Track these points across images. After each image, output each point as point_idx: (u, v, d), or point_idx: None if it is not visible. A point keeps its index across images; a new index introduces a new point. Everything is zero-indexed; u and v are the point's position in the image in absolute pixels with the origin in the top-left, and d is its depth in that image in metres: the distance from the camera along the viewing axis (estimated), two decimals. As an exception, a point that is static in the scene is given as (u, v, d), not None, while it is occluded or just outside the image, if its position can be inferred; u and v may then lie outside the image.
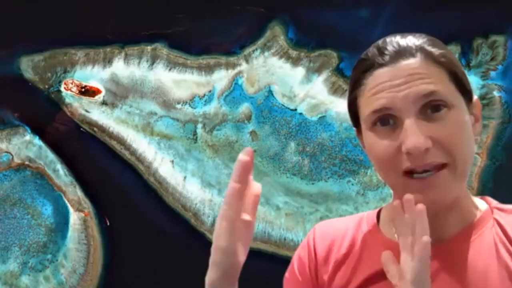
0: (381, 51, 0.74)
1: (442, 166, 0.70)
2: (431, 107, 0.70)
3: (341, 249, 0.83)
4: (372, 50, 0.75)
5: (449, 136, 0.70)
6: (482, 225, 0.76)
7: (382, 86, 0.72)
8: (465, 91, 0.74)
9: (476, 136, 0.76)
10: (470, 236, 0.75)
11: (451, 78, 0.73)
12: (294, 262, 0.90)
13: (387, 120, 0.72)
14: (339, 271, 0.82)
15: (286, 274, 0.92)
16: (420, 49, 0.73)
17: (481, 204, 0.80)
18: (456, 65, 0.75)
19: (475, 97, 0.77)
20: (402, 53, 0.72)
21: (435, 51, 0.73)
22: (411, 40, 0.74)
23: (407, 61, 0.72)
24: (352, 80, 0.78)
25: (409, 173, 0.71)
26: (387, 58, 0.73)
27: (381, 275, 0.75)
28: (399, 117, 0.71)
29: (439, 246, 0.75)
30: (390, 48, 0.73)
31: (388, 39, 0.75)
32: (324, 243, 0.86)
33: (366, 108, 0.74)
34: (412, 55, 0.72)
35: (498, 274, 0.71)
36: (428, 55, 0.72)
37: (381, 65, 0.73)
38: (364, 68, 0.75)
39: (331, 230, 0.87)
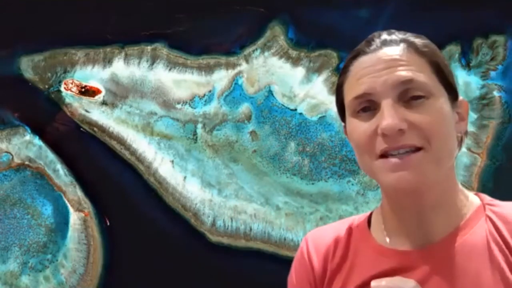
0: (368, 41, 0.77)
1: (417, 149, 0.70)
2: (411, 96, 0.72)
3: (335, 258, 0.83)
4: (362, 43, 0.79)
5: (425, 122, 0.70)
6: (473, 223, 0.75)
7: (364, 72, 0.74)
8: (448, 85, 0.75)
9: (459, 134, 0.76)
10: (462, 236, 0.74)
11: (433, 70, 0.74)
12: (293, 276, 0.89)
13: (368, 107, 0.74)
14: (334, 280, 0.81)
15: None
16: (404, 40, 0.76)
17: (474, 200, 0.78)
18: (440, 57, 0.77)
19: (460, 98, 0.78)
20: (387, 42, 0.76)
21: (418, 41, 0.76)
22: (397, 34, 0.77)
23: (390, 48, 0.74)
24: (341, 68, 0.81)
25: (384, 156, 0.71)
26: (372, 47, 0.76)
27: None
28: (378, 102, 0.72)
29: (429, 248, 0.74)
30: (376, 39, 0.77)
31: (376, 33, 0.79)
32: (318, 254, 0.85)
33: (349, 93, 0.76)
34: (396, 44, 0.75)
35: (491, 275, 0.70)
36: (411, 45, 0.75)
37: (366, 53, 0.76)
38: (351, 56, 0.78)
39: (324, 240, 0.86)
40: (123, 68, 1.87)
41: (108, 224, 1.85)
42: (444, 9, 1.74)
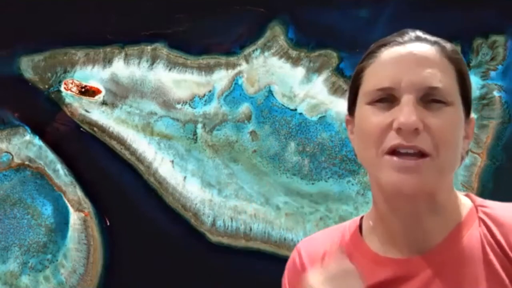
0: (402, 33, 0.77)
1: (424, 155, 0.70)
2: (432, 99, 0.71)
3: None
4: (393, 34, 0.78)
5: (440, 128, 0.70)
6: (467, 227, 0.74)
7: (393, 62, 0.73)
8: (466, 99, 0.75)
9: (462, 150, 0.76)
10: (457, 241, 0.73)
11: (457, 79, 0.74)
12: (286, 286, 0.88)
13: (385, 98, 0.73)
14: None
15: None
16: (436, 42, 0.75)
17: (466, 202, 0.78)
18: (465, 68, 0.77)
19: (472, 115, 0.78)
20: (420, 39, 0.75)
21: (449, 47, 0.76)
22: (430, 36, 0.77)
23: (423, 45, 0.74)
24: (365, 54, 0.79)
25: (393, 153, 0.70)
26: (405, 38, 0.75)
27: None
28: (398, 97, 0.71)
29: (426, 255, 0.73)
30: (411, 33, 0.76)
31: (409, 29, 0.78)
32: (311, 263, 0.83)
33: (371, 80, 0.75)
34: (429, 43, 0.75)
35: (487, 280, 0.70)
36: (442, 49, 0.75)
37: (399, 43, 0.75)
38: (381, 43, 0.77)
39: (316, 248, 0.85)
40: (123, 68, 1.87)
41: (108, 224, 1.85)
42: (444, 9, 1.74)
